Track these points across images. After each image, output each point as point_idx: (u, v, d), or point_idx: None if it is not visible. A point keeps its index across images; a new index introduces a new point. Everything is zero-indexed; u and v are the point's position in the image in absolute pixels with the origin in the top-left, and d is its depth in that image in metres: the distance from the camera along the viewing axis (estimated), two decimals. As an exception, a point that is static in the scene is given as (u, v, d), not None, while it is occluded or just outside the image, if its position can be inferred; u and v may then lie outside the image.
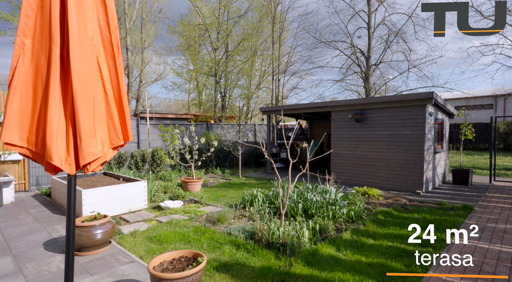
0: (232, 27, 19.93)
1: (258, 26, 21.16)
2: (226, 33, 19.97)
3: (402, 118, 7.93)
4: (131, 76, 28.52)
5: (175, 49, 23.82)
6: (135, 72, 29.94)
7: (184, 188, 7.45)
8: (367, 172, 8.65)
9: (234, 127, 12.09)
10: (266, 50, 23.27)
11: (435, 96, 7.31)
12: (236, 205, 6.14)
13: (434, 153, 8.25)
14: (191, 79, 27.28)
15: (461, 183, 8.86)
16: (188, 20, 21.06)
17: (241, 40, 20.40)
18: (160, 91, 63.04)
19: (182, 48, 22.85)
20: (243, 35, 20.12)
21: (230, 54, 19.93)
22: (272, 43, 22.42)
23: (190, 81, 27.78)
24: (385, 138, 8.24)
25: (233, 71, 21.07)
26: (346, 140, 9.11)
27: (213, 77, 21.22)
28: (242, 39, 20.28)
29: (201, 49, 22.37)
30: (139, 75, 29.71)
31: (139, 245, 3.94)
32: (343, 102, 9.00)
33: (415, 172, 7.69)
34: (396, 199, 6.90)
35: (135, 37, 28.22)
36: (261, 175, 11.10)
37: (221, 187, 8.46)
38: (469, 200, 6.78)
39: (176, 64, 24.09)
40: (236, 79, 24.74)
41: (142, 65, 28.99)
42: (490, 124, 9.08)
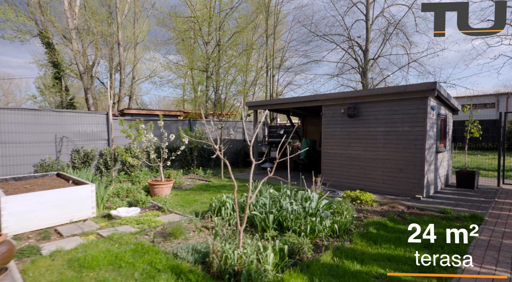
0: (224, 19, 18.97)
1: (251, 19, 20.19)
2: (217, 26, 19.01)
3: (400, 113, 6.98)
4: (124, 73, 27.50)
5: (163, 43, 22.82)
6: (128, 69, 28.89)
7: (151, 191, 6.51)
8: (360, 173, 7.70)
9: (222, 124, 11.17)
10: (262, 46, 22.29)
11: (438, 88, 6.35)
12: (204, 212, 5.20)
13: (436, 153, 7.30)
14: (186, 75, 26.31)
15: (466, 186, 7.91)
16: (178, 12, 20.04)
17: (233, 33, 19.47)
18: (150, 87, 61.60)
19: (171, 42, 21.86)
20: (236, 29, 19.18)
21: (222, 49, 18.98)
22: (266, 37, 21.44)
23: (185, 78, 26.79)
24: (381, 135, 7.30)
25: (225, 66, 20.13)
26: (338, 138, 8.15)
27: (204, 72, 20.28)
28: (235, 33, 19.34)
29: (192, 43, 21.35)
30: (131, 72, 28.73)
31: (49, 273, 2.99)
32: (334, 95, 8.05)
33: (414, 174, 6.75)
34: (392, 205, 5.95)
35: (127, 32, 27.23)
36: (247, 176, 10.15)
37: (196, 189, 7.52)
38: (477, 207, 5.83)
39: (167, 59, 23.12)
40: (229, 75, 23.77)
41: (135, 61, 27.98)
42: (499, 121, 8.13)
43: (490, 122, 8.41)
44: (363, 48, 17.18)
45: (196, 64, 20.75)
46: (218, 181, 8.84)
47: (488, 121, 8.44)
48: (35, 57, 30.42)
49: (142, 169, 9.50)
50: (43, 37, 20.70)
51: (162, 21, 21.41)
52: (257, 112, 10.41)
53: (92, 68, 24.98)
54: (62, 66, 25.83)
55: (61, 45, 22.60)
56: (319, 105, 8.55)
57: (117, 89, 26.50)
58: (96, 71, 27.03)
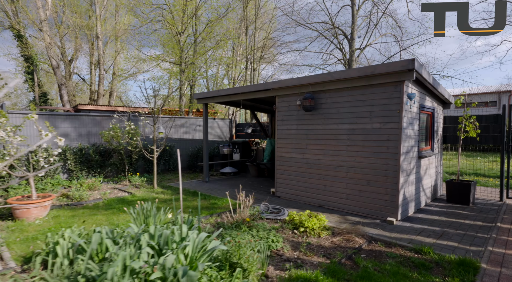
0: (200, 5, 17.17)
1: (229, 5, 18.31)
2: (192, 15, 17.21)
3: (368, 104, 5.13)
4: (102, 68, 25.56)
5: (135, 34, 20.99)
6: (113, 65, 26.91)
7: (13, 214, 4.65)
8: (320, 185, 5.86)
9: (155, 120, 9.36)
10: (240, 36, 20.44)
11: (417, 68, 4.50)
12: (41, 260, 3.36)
13: (418, 158, 5.46)
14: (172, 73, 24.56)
15: (458, 201, 6.07)
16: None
17: (208, 22, 17.68)
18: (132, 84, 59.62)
19: (142, 33, 20.02)
20: (213, 17, 17.40)
21: (197, 39, 17.22)
22: (245, 28, 19.59)
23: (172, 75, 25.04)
24: (345, 135, 5.46)
25: (200, 59, 18.34)
26: (294, 138, 6.31)
27: (178, 65, 18.49)
28: (209, 21, 17.55)
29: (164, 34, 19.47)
30: (110, 67, 26.80)
31: None
32: (288, 82, 6.19)
33: (386, 188, 4.91)
34: (348, 236, 4.11)
35: (108, 26, 25.40)
36: (196, 184, 8.32)
37: (100, 207, 5.66)
38: (471, 240, 3.99)
39: (141, 52, 21.33)
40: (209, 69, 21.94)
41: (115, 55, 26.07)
42: (502, 116, 6.28)
43: (491, 118, 6.56)
44: (348, 37, 15.31)
45: (168, 56, 18.95)
46: (146, 192, 7.00)
47: (488, 117, 6.59)
48: (3, 51, 28.59)
49: (54, 175, 7.65)
50: (13, 29, 19.09)
51: (131, 8, 19.59)
52: (207, 106, 8.56)
53: (70, 63, 23.19)
54: (36, 60, 24.10)
55: (33, 37, 20.92)
56: (272, 95, 6.70)
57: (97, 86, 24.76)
58: (74, 66, 25.27)
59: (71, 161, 7.62)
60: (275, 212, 5.31)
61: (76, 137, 8.14)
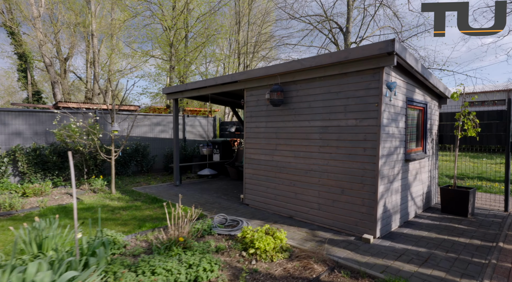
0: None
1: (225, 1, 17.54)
2: (183, 7, 16.44)
3: (342, 96, 4.26)
4: (97, 66, 24.90)
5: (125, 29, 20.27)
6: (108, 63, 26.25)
7: None
8: (290, 192, 5.00)
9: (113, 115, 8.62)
10: (232, 30, 19.62)
11: (398, 51, 3.62)
12: None
13: (405, 161, 4.58)
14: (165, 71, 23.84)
15: (455, 212, 5.17)
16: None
17: (199, 16, 16.91)
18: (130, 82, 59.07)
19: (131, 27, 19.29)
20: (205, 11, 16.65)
21: (187, 34, 16.49)
22: (238, 22, 18.76)
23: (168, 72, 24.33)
24: (317, 134, 4.59)
25: (190, 55, 17.56)
26: (263, 137, 5.46)
27: (167, 61, 17.78)
28: (201, 14, 16.78)
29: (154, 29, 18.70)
30: (106, 64, 26.14)
31: None
32: (256, 72, 5.33)
33: (362, 198, 4.03)
34: (306, 262, 3.25)
35: (104, 23, 24.80)
36: (164, 188, 7.52)
37: (25, 219, 4.88)
38: (463, 269, 3.10)
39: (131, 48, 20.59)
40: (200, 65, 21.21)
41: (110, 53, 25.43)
42: (507, 112, 5.34)
43: (494, 115, 5.63)
44: (343, 30, 14.36)
45: (158, 52, 18.22)
46: (100, 198, 6.19)
47: (491, 114, 5.66)
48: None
49: (8, 176, 6.89)
50: (6, 27, 18.63)
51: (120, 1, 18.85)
52: (177, 102, 7.75)
53: (66, 61, 22.60)
54: (30, 58, 23.60)
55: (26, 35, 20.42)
56: (241, 88, 5.85)
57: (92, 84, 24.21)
58: (70, 65, 24.72)
59: (22, 162, 6.86)
60: (232, 225, 4.48)
61: (31, 136, 7.38)
